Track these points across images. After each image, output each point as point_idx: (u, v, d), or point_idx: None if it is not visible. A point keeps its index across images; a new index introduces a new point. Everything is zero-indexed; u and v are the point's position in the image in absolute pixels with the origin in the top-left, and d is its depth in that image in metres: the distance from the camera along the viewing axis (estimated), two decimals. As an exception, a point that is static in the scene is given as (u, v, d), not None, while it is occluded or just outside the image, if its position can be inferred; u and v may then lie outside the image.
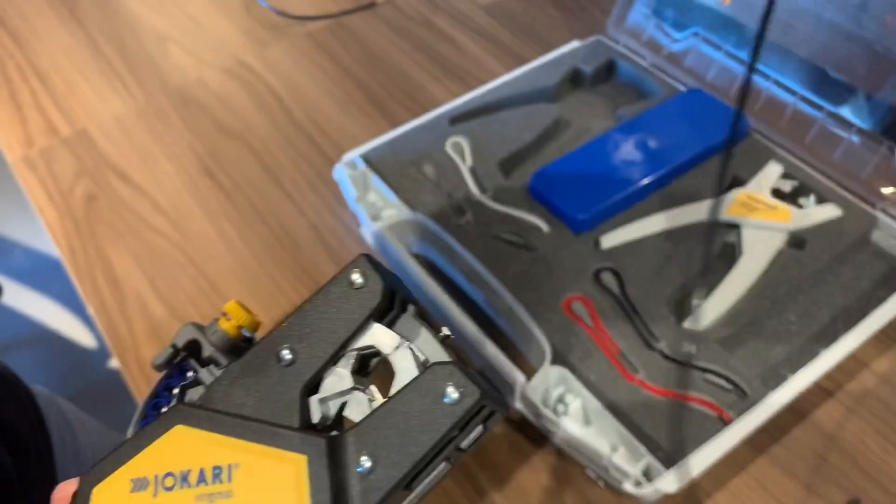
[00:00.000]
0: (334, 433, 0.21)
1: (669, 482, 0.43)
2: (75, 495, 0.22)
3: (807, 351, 0.49)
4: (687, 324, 0.50)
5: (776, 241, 0.53)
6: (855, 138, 0.57)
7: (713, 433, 0.44)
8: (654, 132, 0.59)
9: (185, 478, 0.20)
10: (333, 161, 0.65)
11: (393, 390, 0.22)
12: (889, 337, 0.51)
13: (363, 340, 0.23)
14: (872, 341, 0.50)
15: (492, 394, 0.21)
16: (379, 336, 0.23)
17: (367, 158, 0.60)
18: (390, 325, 0.23)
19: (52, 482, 0.51)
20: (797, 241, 0.54)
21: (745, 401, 0.46)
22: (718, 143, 0.59)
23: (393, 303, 0.24)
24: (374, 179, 0.59)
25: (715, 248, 0.54)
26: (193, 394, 0.23)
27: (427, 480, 0.21)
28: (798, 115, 0.60)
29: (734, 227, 0.55)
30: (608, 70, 0.68)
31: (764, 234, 0.54)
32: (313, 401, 0.22)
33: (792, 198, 0.56)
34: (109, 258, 0.60)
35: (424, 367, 0.22)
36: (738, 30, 0.63)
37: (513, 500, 0.46)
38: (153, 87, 0.74)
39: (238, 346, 0.24)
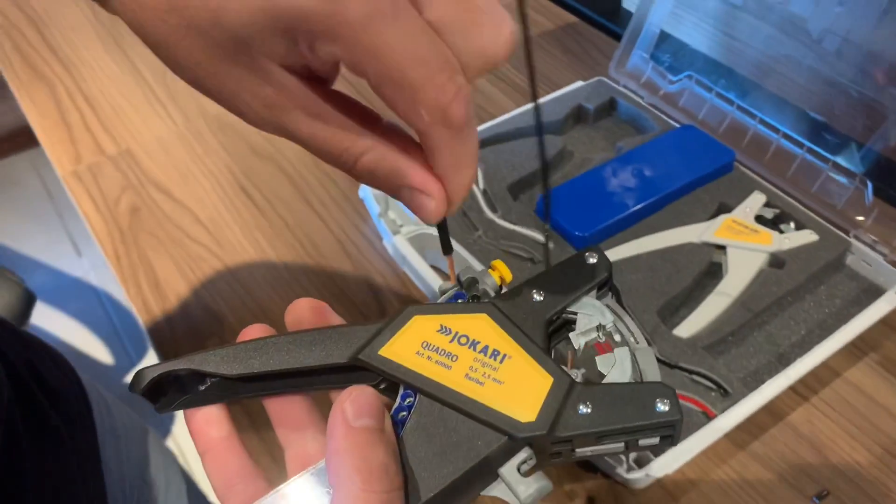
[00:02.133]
0: (576, 378, 0.29)
1: (658, 468, 0.48)
2: (398, 311, 0.30)
3: (784, 358, 0.54)
4: (676, 332, 0.56)
5: (758, 261, 0.59)
6: (832, 173, 0.63)
7: (698, 427, 0.50)
8: (649, 162, 0.66)
9: (474, 344, 0.28)
10: (357, 183, 0.71)
11: (604, 365, 0.30)
12: (860, 350, 0.57)
13: (588, 309, 0.31)
14: (844, 353, 0.55)
15: (679, 428, 0.28)
16: (600, 308, 0.31)
17: (389, 180, 0.66)
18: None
19: (95, 450, 0.56)
20: (777, 261, 0.60)
21: (727, 400, 0.52)
22: (708, 174, 0.65)
23: (607, 283, 0.32)
24: (395, 198, 0.65)
25: (703, 267, 0.60)
26: None
27: (607, 446, 0.28)
28: (780, 151, 0.66)
29: (720, 247, 0.60)
30: (609, 107, 0.75)
31: (747, 254, 0.60)
32: (573, 336, 0.31)
33: (773, 223, 0.62)
34: (152, 263, 0.65)
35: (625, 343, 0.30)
36: (727, 74, 0.70)
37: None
38: (192, 113, 0.80)
39: (497, 291, 0.32)
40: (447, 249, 0.32)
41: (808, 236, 0.60)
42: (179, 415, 0.32)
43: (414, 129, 0.26)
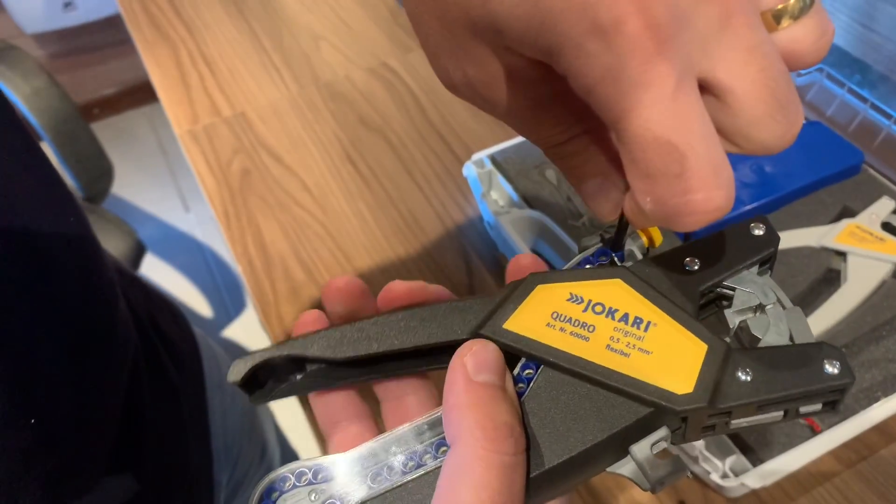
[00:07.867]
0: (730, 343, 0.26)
1: (754, 478, 0.46)
2: (518, 282, 0.27)
3: (902, 377, 0.51)
4: (785, 338, 0.53)
5: (881, 272, 0.56)
6: (972, 182, 0.58)
7: (802, 440, 0.47)
8: (770, 159, 0.62)
9: (611, 312, 0.26)
10: (462, 160, 0.70)
11: (758, 328, 0.26)
12: None
13: (749, 286, 0.27)
14: (970, 377, 0.51)
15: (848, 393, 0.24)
16: (765, 287, 0.27)
17: (494, 159, 0.66)
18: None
19: (204, 403, 0.58)
20: (903, 273, 0.56)
21: (836, 415, 0.49)
22: (832, 175, 0.61)
23: (770, 260, 0.28)
24: (499, 178, 0.64)
25: (819, 273, 0.57)
26: None
27: (766, 415, 0.25)
28: (916, 155, 0.62)
29: (841, 254, 0.57)
30: (729, 98, 0.71)
31: (870, 263, 0.56)
32: (728, 313, 0.27)
33: (902, 233, 0.58)
34: (259, 226, 0.67)
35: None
36: (862, 69, 0.66)
37: (609, 485, 0.50)
38: (305, 80, 0.82)
39: (644, 254, 0.29)
40: (614, 246, 0.28)
41: (939, 249, 0.56)
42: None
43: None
